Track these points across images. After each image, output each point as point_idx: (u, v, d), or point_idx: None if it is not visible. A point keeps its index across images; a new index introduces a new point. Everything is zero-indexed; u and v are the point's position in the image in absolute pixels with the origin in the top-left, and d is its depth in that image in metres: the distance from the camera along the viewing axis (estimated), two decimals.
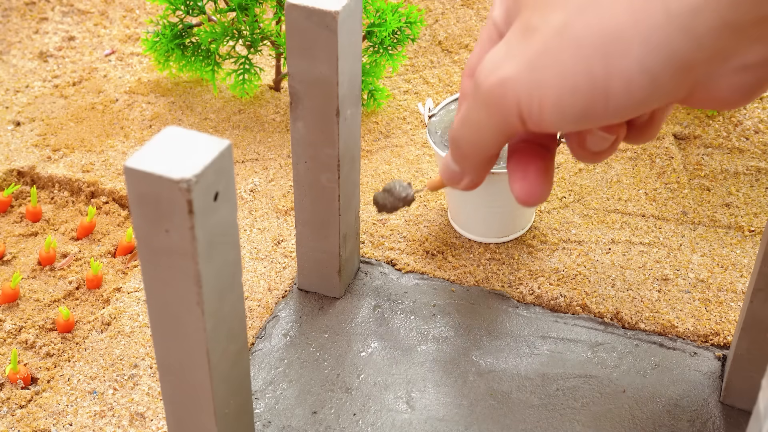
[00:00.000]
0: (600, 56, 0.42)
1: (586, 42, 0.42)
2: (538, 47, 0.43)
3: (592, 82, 0.42)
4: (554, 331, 0.74)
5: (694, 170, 0.91)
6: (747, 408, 0.67)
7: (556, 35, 0.43)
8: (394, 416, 0.67)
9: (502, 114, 0.45)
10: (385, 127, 0.97)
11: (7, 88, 1.01)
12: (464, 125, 0.48)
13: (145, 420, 0.66)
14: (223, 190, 0.47)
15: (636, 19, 0.41)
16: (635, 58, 0.41)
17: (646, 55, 0.41)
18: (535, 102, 0.44)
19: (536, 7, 0.44)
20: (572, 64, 0.42)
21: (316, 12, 0.61)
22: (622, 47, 0.41)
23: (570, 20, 0.43)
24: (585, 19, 0.42)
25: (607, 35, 0.42)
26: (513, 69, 0.44)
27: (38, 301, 0.76)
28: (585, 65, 0.42)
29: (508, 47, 0.45)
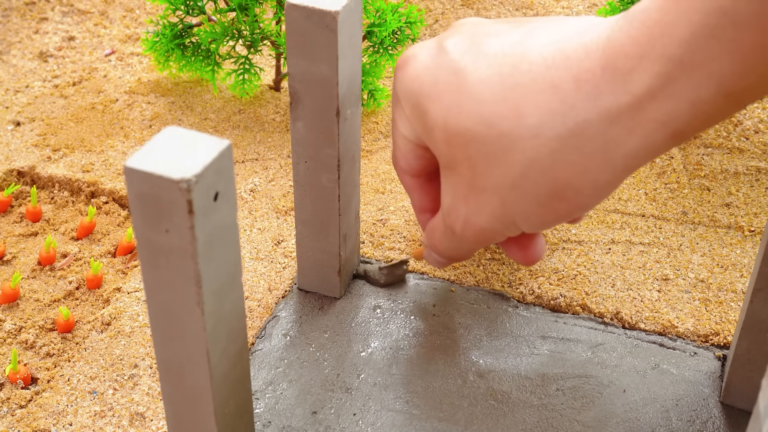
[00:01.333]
0: (558, 200, 0.48)
1: (541, 194, 0.48)
2: (496, 202, 0.49)
3: (557, 215, 0.49)
4: (554, 331, 0.74)
5: (694, 170, 0.91)
6: (747, 408, 0.67)
7: (507, 193, 0.49)
8: (394, 416, 0.67)
9: (491, 241, 0.54)
10: (385, 127, 0.97)
11: (7, 88, 1.01)
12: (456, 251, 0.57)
13: (145, 420, 0.67)
14: (223, 190, 0.47)
15: (580, 172, 0.46)
16: (587, 195, 0.48)
17: (596, 190, 0.47)
18: (513, 231, 0.52)
19: (471, 166, 0.49)
20: (533, 209, 0.49)
21: (316, 12, 0.61)
22: (575, 192, 0.48)
23: (515, 182, 0.48)
24: (530, 180, 0.47)
25: (559, 187, 0.47)
26: (484, 222, 0.51)
27: (38, 301, 0.76)
28: (546, 207, 0.49)
29: (464, 201, 0.51)
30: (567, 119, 0.44)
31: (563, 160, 0.45)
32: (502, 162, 0.46)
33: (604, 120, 0.44)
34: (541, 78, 0.45)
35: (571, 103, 0.44)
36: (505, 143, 0.46)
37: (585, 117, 0.44)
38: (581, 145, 0.45)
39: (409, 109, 0.51)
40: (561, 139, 0.45)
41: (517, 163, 0.46)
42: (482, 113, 0.46)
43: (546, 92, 0.45)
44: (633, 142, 0.44)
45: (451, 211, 0.52)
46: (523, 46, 0.47)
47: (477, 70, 0.47)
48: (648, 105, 0.43)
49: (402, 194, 0.87)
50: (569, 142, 0.45)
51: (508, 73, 0.46)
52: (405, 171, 0.56)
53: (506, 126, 0.46)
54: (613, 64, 0.43)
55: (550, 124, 0.45)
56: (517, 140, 0.46)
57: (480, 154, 0.47)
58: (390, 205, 0.86)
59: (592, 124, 0.44)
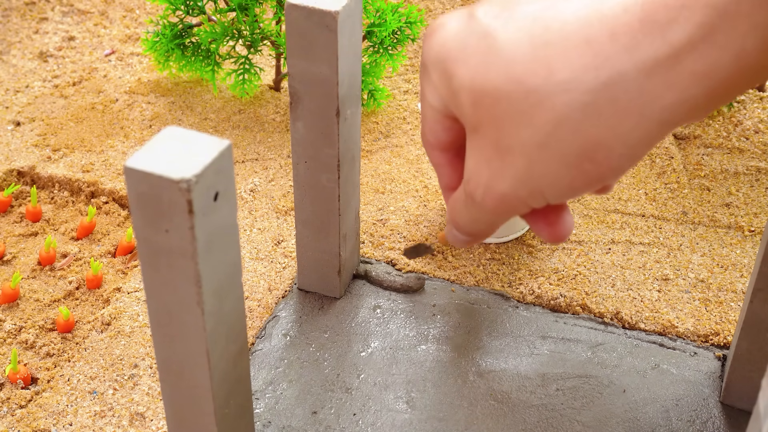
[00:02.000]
0: (587, 160, 0.45)
1: (569, 154, 0.45)
2: (522, 164, 0.47)
3: (587, 179, 0.46)
4: (554, 331, 0.74)
5: (694, 170, 0.91)
6: (747, 408, 0.67)
7: (535, 153, 0.46)
8: (394, 416, 0.67)
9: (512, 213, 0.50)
10: (385, 127, 0.97)
11: (7, 88, 1.01)
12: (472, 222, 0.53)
13: (145, 420, 0.67)
14: (223, 190, 0.47)
15: (613, 127, 0.44)
16: (621, 153, 0.45)
17: (629, 150, 0.45)
18: (539, 198, 0.48)
19: (498, 127, 0.47)
20: (563, 172, 0.46)
21: (316, 12, 0.61)
22: (606, 151, 0.45)
23: (544, 140, 0.45)
24: (560, 138, 0.45)
25: (590, 146, 0.45)
26: (507, 186, 0.48)
27: (38, 301, 0.76)
28: (575, 169, 0.46)
29: (487, 165, 0.48)
30: (600, 72, 0.43)
31: (595, 116, 0.44)
32: (531, 120, 0.45)
33: (641, 72, 0.42)
34: (574, 35, 0.44)
35: (605, 56, 0.43)
36: (533, 100, 0.44)
37: (620, 69, 0.43)
38: (615, 99, 0.43)
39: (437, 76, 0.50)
40: (593, 92, 0.43)
41: (547, 121, 0.44)
42: (511, 71, 0.45)
43: (579, 47, 0.43)
44: (670, 97, 0.43)
45: (473, 176, 0.49)
46: (556, 9, 0.45)
47: (507, 32, 0.46)
48: (687, 56, 0.41)
49: (402, 194, 0.88)
50: (602, 96, 0.43)
51: (539, 33, 0.45)
52: (432, 145, 0.55)
53: (536, 82, 0.44)
54: (652, 17, 0.42)
55: (582, 78, 0.43)
56: (546, 96, 0.44)
57: (507, 113, 0.45)
58: (390, 205, 0.86)
59: (628, 76, 0.43)
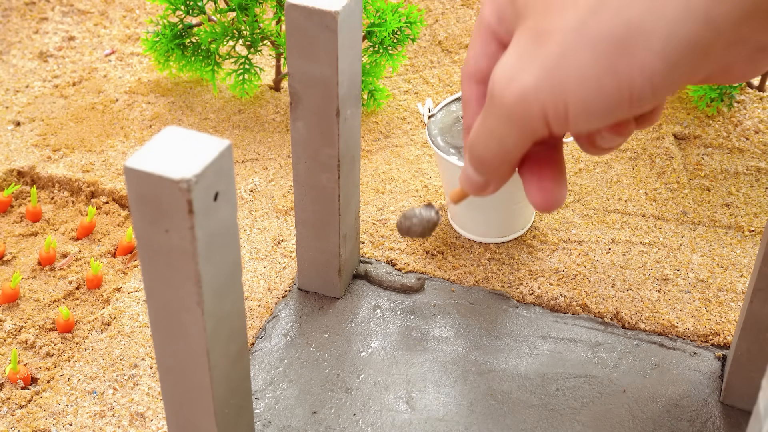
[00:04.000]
0: (621, 53, 0.41)
1: (605, 39, 0.42)
2: (554, 51, 0.43)
3: (617, 80, 0.42)
4: (554, 331, 0.74)
5: (694, 170, 0.91)
6: (747, 408, 0.67)
7: (572, 36, 0.42)
8: (394, 416, 0.67)
9: (528, 124, 0.45)
10: (385, 127, 0.97)
11: (7, 88, 1.01)
12: (487, 138, 0.47)
13: (145, 420, 0.67)
14: (223, 190, 0.47)
15: (655, 10, 0.41)
16: (658, 52, 0.41)
17: (668, 47, 0.41)
18: (560, 108, 0.43)
19: (545, 11, 0.43)
20: (594, 64, 0.42)
21: (316, 12, 0.61)
22: (644, 42, 0.41)
23: (586, 18, 0.42)
24: (602, 16, 0.42)
25: (627, 30, 0.41)
26: (531, 79, 0.43)
27: (38, 301, 0.76)
28: (607, 64, 0.42)
29: (519, 55, 0.44)
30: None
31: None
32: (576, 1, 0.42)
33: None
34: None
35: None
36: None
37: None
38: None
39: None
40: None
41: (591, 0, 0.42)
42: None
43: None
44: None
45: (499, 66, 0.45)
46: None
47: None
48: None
49: (402, 194, 0.88)
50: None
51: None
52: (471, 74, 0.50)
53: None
54: None
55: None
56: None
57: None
58: (390, 205, 0.86)
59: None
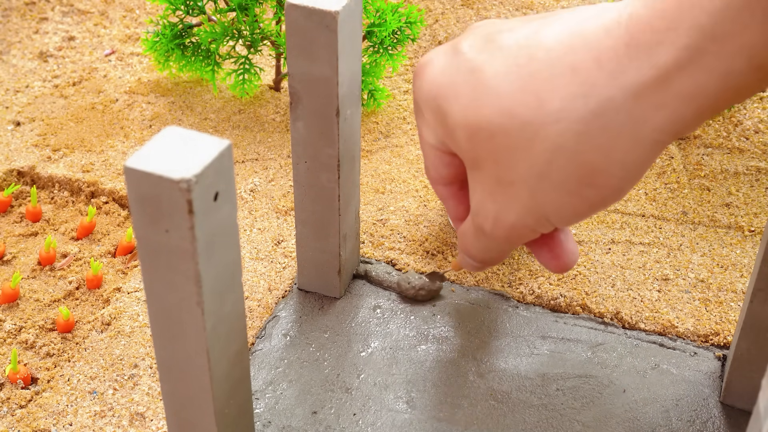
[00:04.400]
0: (587, 186, 0.47)
1: (569, 182, 0.47)
2: (524, 196, 0.48)
3: (588, 203, 0.48)
4: (554, 331, 0.74)
5: (694, 170, 0.91)
6: (747, 408, 0.67)
7: (535, 184, 0.47)
8: (394, 416, 0.67)
9: (522, 240, 0.52)
10: (385, 127, 0.97)
11: (7, 88, 1.01)
12: (485, 251, 0.55)
13: (145, 420, 0.67)
14: (223, 190, 0.47)
15: (607, 153, 0.45)
16: (619, 177, 0.46)
17: (628, 171, 0.46)
18: (546, 225, 0.50)
19: (496, 161, 0.48)
20: (565, 198, 0.47)
21: (316, 12, 0.61)
22: (605, 175, 0.46)
23: (542, 171, 0.46)
24: (557, 167, 0.46)
25: (585, 169, 0.46)
26: (514, 217, 0.50)
27: (38, 301, 0.76)
28: (577, 196, 0.47)
29: (492, 198, 0.50)
30: (589, 100, 0.43)
31: (589, 143, 0.44)
32: (527, 152, 0.45)
33: (629, 96, 0.42)
34: (559, 62, 0.44)
35: (592, 83, 0.43)
36: (528, 133, 0.45)
37: (608, 95, 0.43)
38: (606, 125, 0.43)
39: (430, 114, 0.50)
40: (584, 120, 0.44)
41: (543, 151, 0.45)
42: (502, 105, 0.45)
43: (565, 75, 0.44)
44: (660, 118, 0.43)
45: (480, 210, 0.50)
46: (539, 36, 0.46)
47: (493, 65, 0.46)
48: (675, 79, 0.41)
49: (402, 194, 0.88)
50: (593, 123, 0.43)
51: (524, 63, 0.45)
52: (436, 181, 0.55)
53: (527, 115, 0.45)
54: (637, 40, 0.42)
55: (571, 107, 0.44)
56: (539, 128, 0.45)
57: (503, 147, 0.46)
58: (390, 205, 0.86)
59: (616, 101, 0.43)
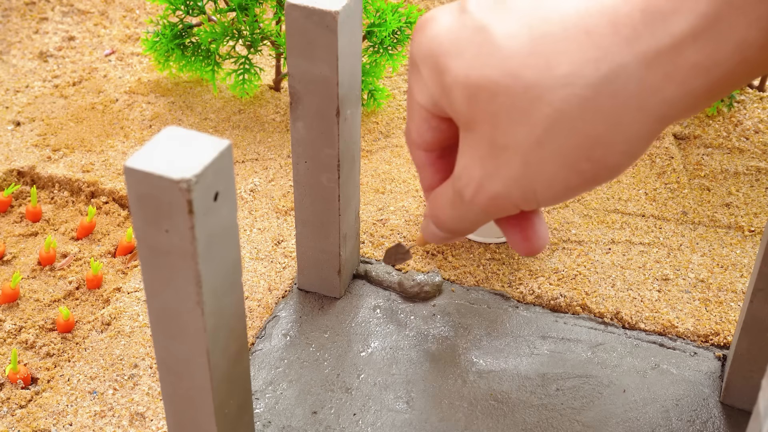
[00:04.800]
0: (585, 159, 0.44)
1: (567, 152, 0.44)
2: (517, 163, 0.45)
3: (583, 177, 0.45)
4: (554, 331, 0.74)
5: (694, 170, 0.91)
6: (747, 408, 0.67)
7: (531, 152, 0.45)
8: (394, 416, 0.67)
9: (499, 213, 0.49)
10: (385, 127, 0.97)
11: (7, 88, 1.01)
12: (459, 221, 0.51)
13: (145, 420, 0.67)
14: (223, 190, 0.47)
15: (611, 123, 0.43)
16: (620, 151, 0.44)
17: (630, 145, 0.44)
18: (531, 200, 0.47)
19: (494, 123, 0.45)
20: (559, 171, 0.45)
21: (316, 12, 0.61)
22: (606, 148, 0.44)
23: (541, 137, 0.44)
24: (558, 135, 0.44)
25: (587, 140, 0.44)
26: (499, 186, 0.47)
27: (38, 301, 0.76)
28: (571, 168, 0.45)
29: (481, 163, 0.47)
30: (601, 65, 0.42)
31: (594, 111, 0.43)
32: (528, 116, 0.44)
33: (641, 64, 0.41)
34: (573, 26, 0.43)
35: (606, 48, 0.42)
36: (532, 95, 0.43)
37: (620, 61, 0.42)
38: (615, 93, 0.42)
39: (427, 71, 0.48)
40: (593, 86, 0.42)
41: (545, 117, 0.43)
42: (508, 65, 0.44)
43: (579, 39, 0.42)
44: (670, 89, 0.42)
45: (464, 173, 0.48)
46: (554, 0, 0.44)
47: (503, 25, 0.45)
48: (689, 47, 0.41)
49: (402, 194, 0.88)
50: (602, 90, 0.42)
51: (537, 25, 0.44)
52: (417, 145, 0.53)
53: (534, 77, 0.43)
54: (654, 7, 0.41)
55: (582, 71, 0.42)
56: (545, 91, 0.43)
57: (504, 108, 0.44)
58: (390, 205, 0.86)
59: (628, 68, 0.42)
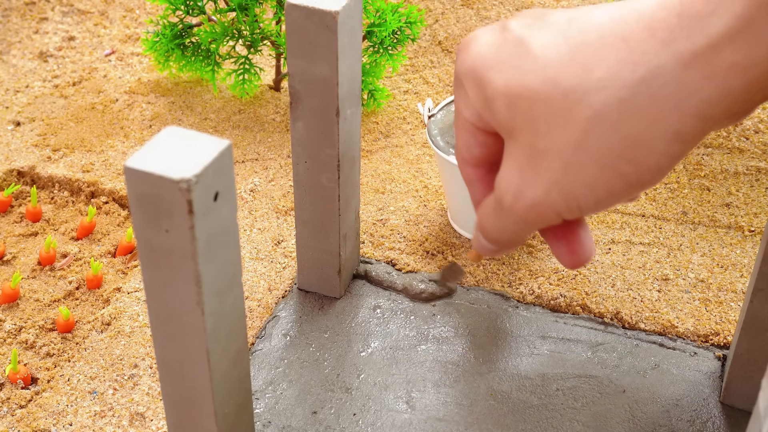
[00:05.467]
0: (626, 161, 0.44)
1: (607, 155, 0.44)
2: (557, 167, 0.46)
3: (625, 181, 0.45)
4: (554, 331, 0.74)
5: (694, 170, 0.91)
6: (747, 408, 0.67)
7: (571, 154, 0.45)
8: (394, 416, 0.67)
9: (542, 222, 0.49)
10: (385, 127, 0.97)
11: (7, 88, 1.01)
12: (501, 230, 0.51)
13: (145, 420, 0.67)
14: (223, 190, 0.47)
15: (651, 123, 0.43)
16: (660, 152, 0.44)
17: (670, 146, 0.44)
18: (573, 207, 0.47)
19: (533, 130, 0.46)
20: (599, 174, 0.45)
21: (316, 12, 0.61)
22: (646, 149, 0.44)
23: (581, 141, 0.44)
24: (597, 137, 0.44)
25: (627, 142, 0.44)
26: (540, 192, 0.47)
27: (38, 301, 0.76)
28: (613, 171, 0.45)
29: (520, 170, 0.47)
30: (638, 66, 0.43)
31: (633, 112, 0.43)
32: (567, 121, 0.44)
33: (679, 64, 0.42)
34: (610, 33, 0.44)
35: (642, 51, 0.43)
36: (570, 100, 0.44)
37: (657, 62, 0.42)
38: (654, 94, 0.43)
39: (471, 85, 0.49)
40: (631, 87, 0.43)
41: (583, 120, 0.44)
42: (547, 73, 0.45)
43: (615, 45, 0.43)
44: (708, 89, 0.42)
45: (503, 180, 0.48)
46: (590, 13, 0.46)
47: (541, 36, 0.46)
48: (726, 48, 0.41)
49: (402, 194, 0.88)
50: (640, 90, 0.43)
51: (573, 35, 0.45)
52: (466, 161, 0.54)
53: (572, 82, 0.44)
54: (691, 10, 0.42)
55: (619, 74, 0.43)
56: (583, 95, 0.44)
57: (543, 115, 0.45)
58: (390, 205, 0.86)
59: (666, 69, 0.42)
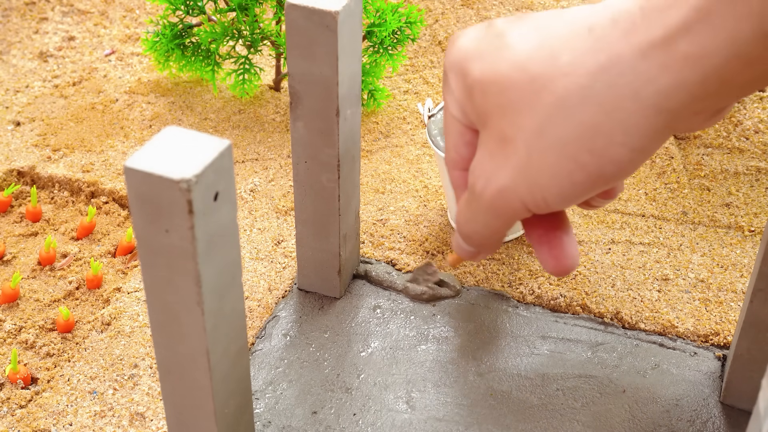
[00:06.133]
0: (586, 151, 0.45)
1: (567, 142, 0.45)
2: (521, 154, 0.47)
3: (586, 172, 0.46)
4: (554, 331, 0.74)
5: (694, 170, 0.91)
6: (747, 408, 0.67)
7: (534, 140, 0.46)
8: (394, 416, 0.67)
9: (510, 212, 0.50)
10: (385, 127, 0.97)
11: (7, 88, 1.01)
12: (473, 222, 0.52)
13: (145, 420, 0.67)
14: (223, 190, 0.47)
15: (609, 112, 0.44)
16: (619, 143, 0.45)
17: (629, 137, 0.45)
18: (538, 198, 0.48)
19: (502, 115, 0.47)
20: (561, 162, 0.46)
21: (316, 12, 0.61)
22: (605, 139, 0.45)
23: (543, 126, 0.46)
24: (558, 123, 0.45)
25: (586, 130, 0.45)
26: (506, 178, 0.48)
27: (38, 301, 0.76)
28: (573, 161, 0.46)
29: (490, 156, 0.48)
30: (599, 55, 0.44)
31: (592, 99, 0.44)
32: (532, 105, 0.46)
33: (636, 54, 0.43)
34: (579, 24, 0.46)
35: (606, 40, 0.44)
36: (537, 86, 0.46)
37: (617, 51, 0.44)
38: (611, 82, 0.44)
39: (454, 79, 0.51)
40: (591, 74, 0.44)
41: (547, 105, 0.45)
42: (517, 60, 0.47)
43: (581, 34, 0.45)
44: (664, 79, 0.43)
45: (476, 167, 0.50)
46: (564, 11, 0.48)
47: (519, 29, 0.48)
48: (682, 38, 0.42)
49: (402, 194, 0.88)
50: (599, 78, 0.44)
51: (545, 26, 0.47)
52: (456, 163, 0.54)
53: (539, 68, 0.46)
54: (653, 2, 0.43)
55: (581, 60, 0.45)
56: (548, 81, 0.45)
57: (512, 100, 0.47)
58: (390, 205, 0.86)
59: (624, 58, 0.44)
